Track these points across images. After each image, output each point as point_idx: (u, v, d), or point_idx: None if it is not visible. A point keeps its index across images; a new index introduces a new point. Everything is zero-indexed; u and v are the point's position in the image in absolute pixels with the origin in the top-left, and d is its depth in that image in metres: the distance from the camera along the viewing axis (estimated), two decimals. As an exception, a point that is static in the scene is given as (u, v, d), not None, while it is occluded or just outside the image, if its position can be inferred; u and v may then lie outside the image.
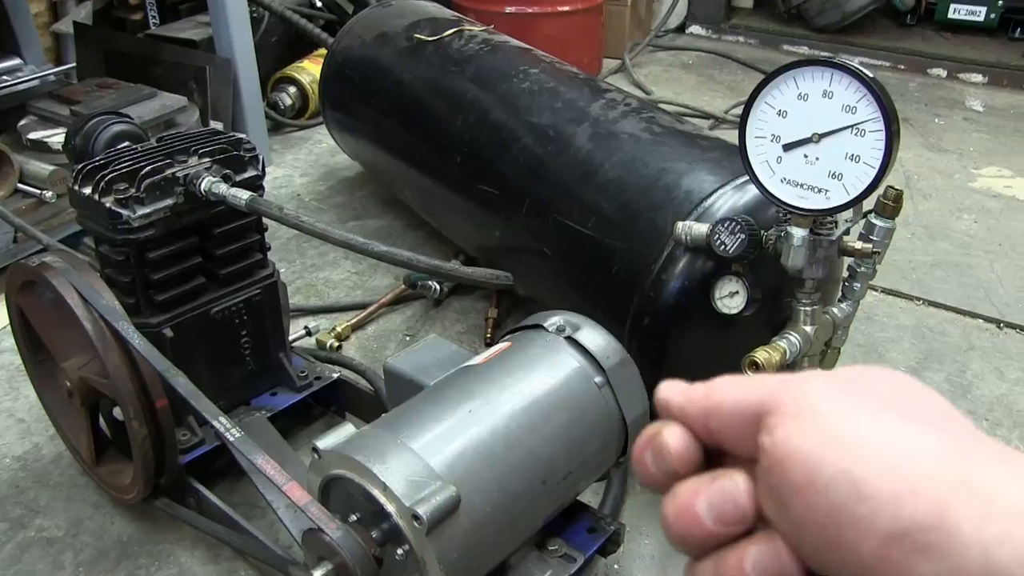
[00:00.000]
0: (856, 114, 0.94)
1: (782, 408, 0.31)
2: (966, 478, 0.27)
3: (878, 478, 0.27)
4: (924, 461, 0.27)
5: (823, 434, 0.29)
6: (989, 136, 2.75)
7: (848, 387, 0.31)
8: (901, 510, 0.27)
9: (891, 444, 0.28)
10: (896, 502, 0.27)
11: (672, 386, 0.37)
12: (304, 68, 2.73)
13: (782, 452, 0.30)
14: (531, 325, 1.04)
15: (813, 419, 0.30)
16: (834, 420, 0.29)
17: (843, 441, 0.28)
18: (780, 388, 0.32)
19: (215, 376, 1.29)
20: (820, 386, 0.31)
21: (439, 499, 0.79)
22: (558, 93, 1.58)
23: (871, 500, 0.27)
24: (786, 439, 0.30)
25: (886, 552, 0.27)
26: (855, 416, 0.29)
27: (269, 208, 1.10)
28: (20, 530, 1.28)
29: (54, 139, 1.94)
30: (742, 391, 0.34)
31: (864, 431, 0.29)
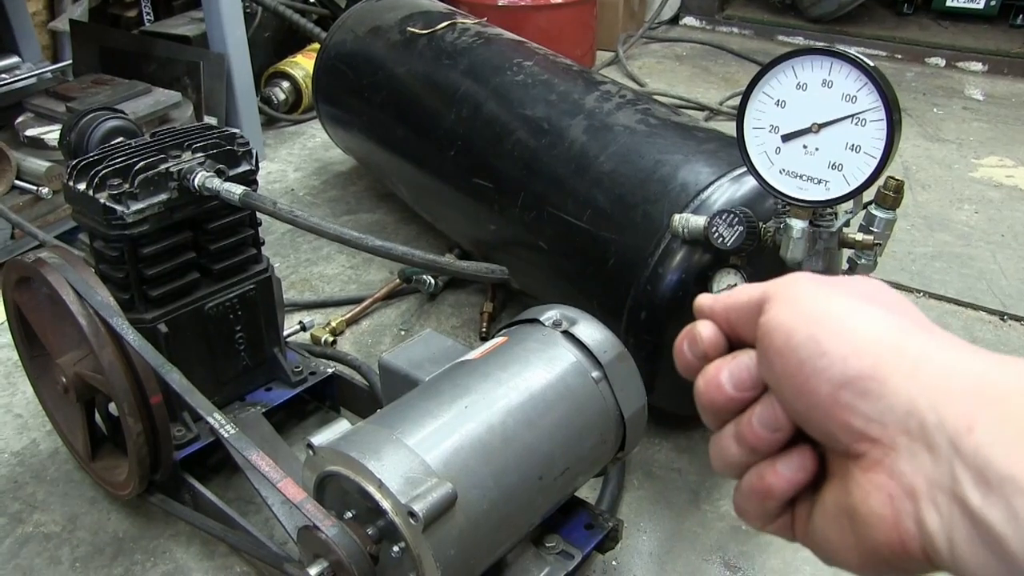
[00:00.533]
0: (856, 103, 0.94)
1: (775, 296, 0.40)
2: (901, 345, 0.35)
3: (833, 340, 0.36)
4: (871, 331, 0.36)
5: (799, 311, 0.38)
6: (989, 125, 2.74)
7: (828, 283, 0.40)
8: (847, 364, 0.35)
9: (848, 317, 0.37)
10: (844, 358, 0.36)
11: (705, 296, 0.47)
12: (297, 63, 2.72)
13: (769, 325, 0.39)
14: (527, 319, 1.04)
15: (794, 301, 0.39)
16: (809, 301, 0.39)
17: (812, 315, 0.38)
18: (776, 283, 0.42)
19: (210, 371, 1.29)
20: (805, 280, 0.41)
21: (435, 496, 0.78)
22: (552, 86, 1.57)
23: (826, 356, 0.36)
24: (774, 316, 0.39)
25: (836, 395, 0.36)
26: (826, 299, 0.38)
27: (263, 203, 1.09)
28: (18, 525, 1.27)
29: (50, 136, 1.94)
30: (751, 289, 0.43)
31: (830, 309, 0.38)
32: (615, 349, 1.00)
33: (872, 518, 0.35)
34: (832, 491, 0.38)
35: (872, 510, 0.35)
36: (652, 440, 1.41)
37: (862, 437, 0.35)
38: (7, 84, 2.27)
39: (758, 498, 0.42)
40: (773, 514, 0.42)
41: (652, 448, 1.40)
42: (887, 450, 0.34)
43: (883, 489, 0.34)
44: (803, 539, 0.42)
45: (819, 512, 0.39)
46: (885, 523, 0.34)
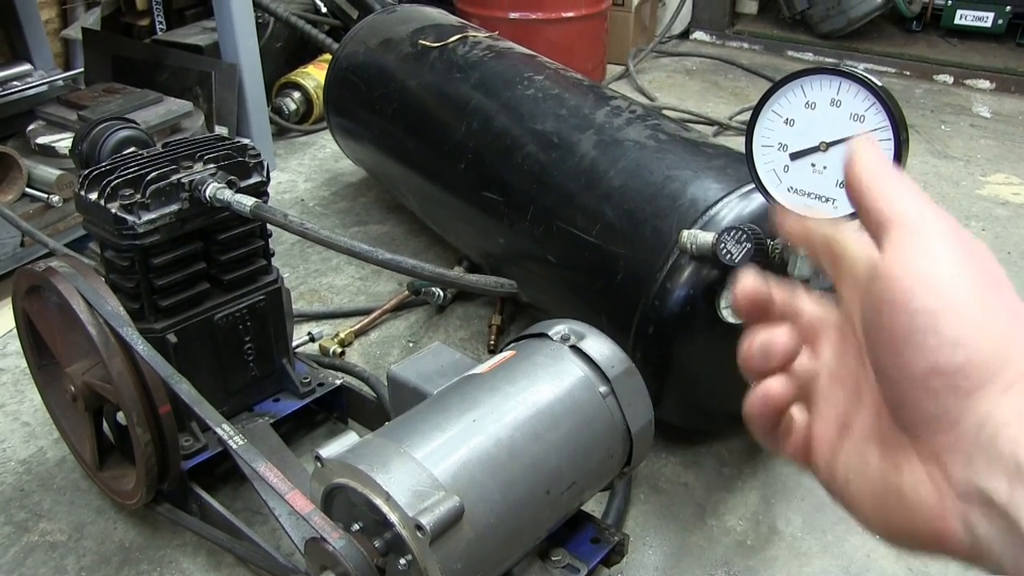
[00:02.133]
0: (864, 123, 0.94)
1: (906, 234, 0.37)
2: (1009, 356, 0.34)
3: (952, 326, 0.34)
4: (989, 329, 0.34)
5: (932, 274, 0.35)
6: (997, 143, 2.74)
7: (964, 244, 0.37)
8: (954, 353, 0.34)
9: (973, 306, 0.35)
10: (955, 347, 0.34)
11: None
12: (308, 73, 2.74)
13: (896, 271, 0.36)
14: (535, 334, 1.04)
15: (930, 257, 0.36)
16: (944, 266, 0.36)
17: (942, 287, 0.35)
18: (907, 212, 0.38)
19: (218, 381, 1.29)
20: (942, 227, 0.37)
21: (442, 509, 0.78)
22: (563, 100, 1.58)
23: (939, 337, 0.34)
24: (904, 262, 0.36)
25: (928, 377, 0.34)
26: (959, 271, 0.36)
27: (274, 215, 1.09)
28: (24, 534, 1.28)
29: (61, 144, 1.95)
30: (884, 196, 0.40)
31: (960, 286, 0.35)
32: (623, 364, 1.00)
33: (918, 505, 0.35)
34: (879, 456, 0.38)
35: (920, 499, 0.35)
36: (658, 454, 1.40)
37: (931, 426, 0.35)
38: (19, 91, 2.28)
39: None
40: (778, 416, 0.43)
41: (658, 462, 1.40)
42: (950, 450, 0.34)
43: (936, 484, 0.35)
44: (823, 477, 0.42)
45: (856, 468, 0.39)
46: (930, 514, 0.35)
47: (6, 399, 1.55)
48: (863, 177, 0.40)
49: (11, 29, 2.50)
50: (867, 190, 0.40)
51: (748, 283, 0.46)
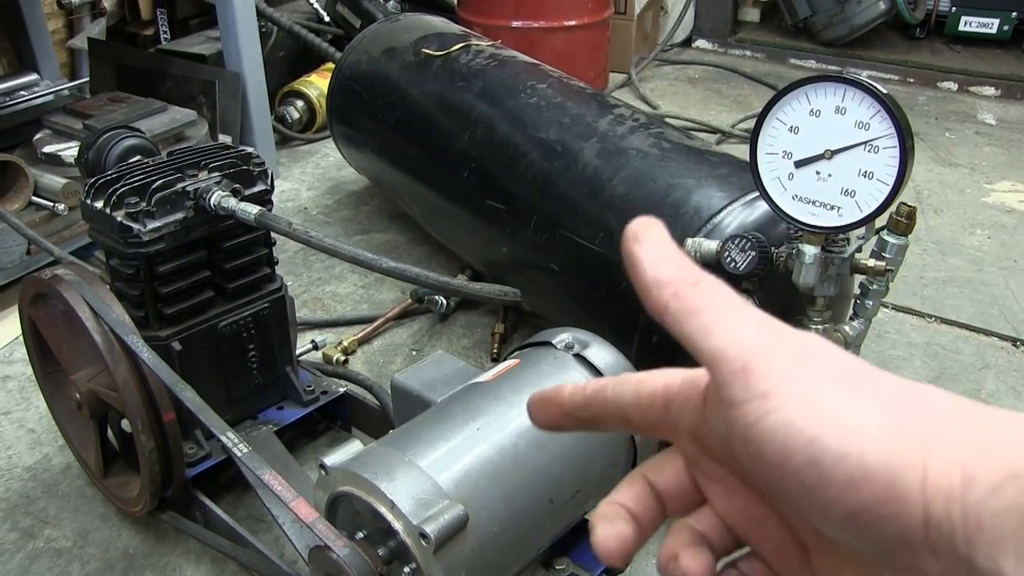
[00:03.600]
0: (869, 130, 0.94)
1: (736, 376, 0.33)
2: (911, 447, 0.31)
3: (840, 467, 0.31)
4: (877, 447, 0.31)
5: (788, 420, 0.32)
6: (1002, 150, 2.74)
7: (806, 368, 0.33)
8: (860, 493, 0.31)
9: (853, 426, 0.31)
10: (855, 487, 0.31)
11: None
12: (312, 82, 2.74)
13: (752, 435, 0.32)
14: (539, 342, 1.04)
15: (773, 403, 0.32)
16: (797, 404, 0.32)
17: (808, 429, 0.31)
18: (751, 355, 0.33)
19: (222, 389, 1.29)
20: (771, 365, 0.33)
21: (446, 518, 0.78)
22: (566, 108, 1.58)
23: (834, 486, 0.31)
24: (755, 423, 0.32)
25: (851, 520, 0.31)
26: (815, 396, 0.32)
27: (278, 223, 1.10)
28: (29, 540, 1.28)
29: (67, 152, 1.96)
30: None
31: (825, 415, 0.31)
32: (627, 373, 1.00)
33: None
34: (853, 574, 0.35)
35: None
36: (662, 463, 1.40)
37: (887, 549, 0.32)
38: (26, 101, 2.30)
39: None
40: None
41: (662, 471, 1.39)
42: (915, 557, 0.31)
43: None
44: None
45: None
46: None
47: (12, 406, 1.56)
48: (665, 303, 0.35)
49: (18, 39, 2.51)
50: (675, 323, 0.35)
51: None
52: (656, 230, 0.36)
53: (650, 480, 0.40)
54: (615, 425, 0.40)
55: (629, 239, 0.36)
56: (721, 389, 0.33)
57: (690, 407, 0.37)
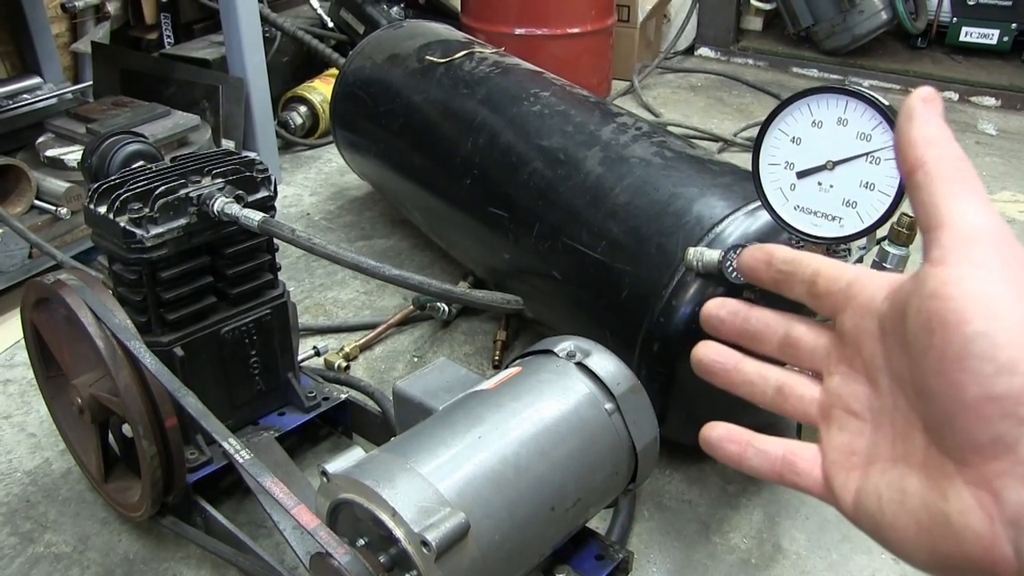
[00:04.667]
0: (871, 142, 0.94)
1: (964, 239, 0.35)
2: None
3: (1009, 351, 0.33)
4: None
5: (988, 294, 0.34)
6: (1002, 160, 2.74)
7: (1017, 257, 0.35)
8: (1012, 382, 0.32)
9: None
10: (1012, 375, 0.32)
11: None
12: (315, 88, 2.75)
13: (951, 289, 0.34)
14: (541, 350, 1.04)
15: (986, 274, 0.34)
16: (1000, 287, 0.34)
17: (998, 309, 0.33)
18: (953, 233, 0.36)
19: (224, 395, 1.29)
20: (999, 240, 0.35)
21: (448, 525, 0.78)
22: (569, 116, 1.58)
23: (996, 363, 0.33)
24: (959, 279, 0.34)
25: (983, 404, 0.33)
26: (1015, 292, 0.34)
27: (281, 230, 1.10)
28: (29, 545, 1.28)
29: (70, 156, 1.96)
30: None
31: (1017, 309, 0.33)
32: (628, 381, 1.00)
33: (967, 532, 0.34)
34: (920, 484, 0.37)
35: (969, 526, 0.34)
36: (663, 471, 1.40)
37: (983, 452, 0.33)
38: (29, 104, 2.30)
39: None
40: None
41: (663, 479, 1.40)
42: (1003, 476, 0.33)
43: (987, 510, 0.33)
44: (847, 510, 0.41)
45: (892, 498, 0.38)
46: (981, 542, 0.34)
47: (12, 410, 1.56)
48: (925, 159, 0.38)
49: (22, 42, 2.52)
50: (926, 179, 0.37)
51: (727, 305, 0.48)
52: (940, 104, 0.40)
53: (792, 322, 0.46)
54: (801, 287, 0.44)
55: (916, 97, 0.39)
56: (941, 249, 0.35)
57: (871, 286, 0.41)
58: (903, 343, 0.37)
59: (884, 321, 0.39)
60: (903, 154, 0.39)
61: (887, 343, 0.39)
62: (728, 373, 0.48)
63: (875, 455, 0.39)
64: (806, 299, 0.44)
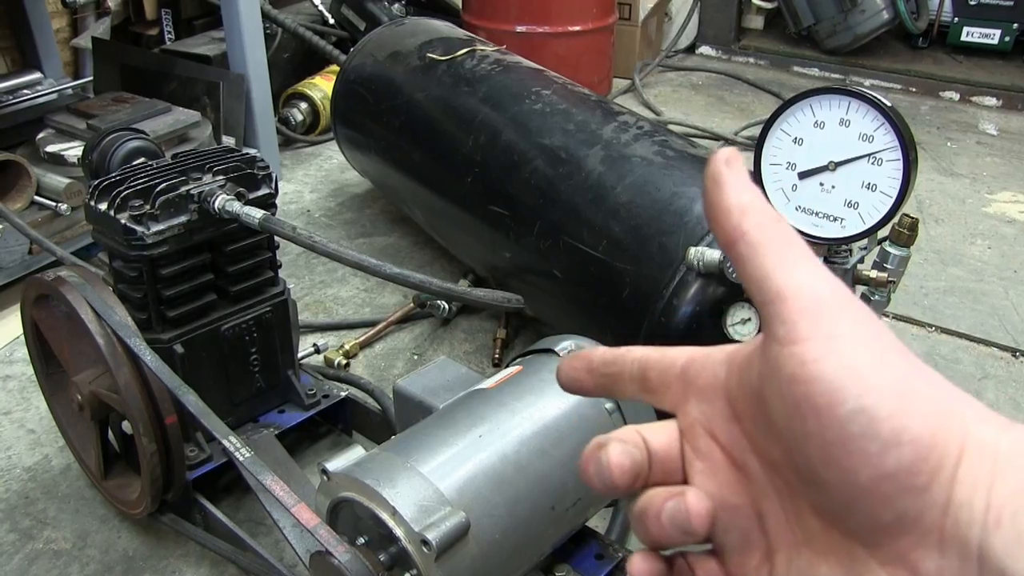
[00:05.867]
0: (873, 143, 0.94)
1: (813, 311, 0.32)
2: (948, 429, 0.31)
3: (892, 421, 0.30)
4: (922, 413, 0.31)
5: (854, 367, 0.31)
6: (1003, 160, 2.74)
7: (864, 315, 0.33)
8: (902, 455, 0.30)
9: (902, 393, 0.31)
10: (899, 447, 0.30)
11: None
12: (316, 84, 2.75)
13: (811, 372, 0.32)
14: (542, 349, 1.04)
15: (846, 345, 0.32)
16: (862, 354, 0.32)
17: (868, 378, 0.31)
18: (809, 285, 0.33)
19: (224, 392, 1.29)
20: (844, 303, 0.33)
21: (448, 524, 0.78)
22: (570, 115, 1.58)
23: (881, 439, 0.30)
24: (816, 359, 0.32)
25: (878, 485, 0.31)
26: (876, 356, 0.32)
27: (282, 228, 1.10)
28: (28, 541, 1.28)
29: (70, 152, 1.96)
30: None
31: (886, 372, 0.31)
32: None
33: None
34: (831, 571, 0.34)
35: None
36: (662, 471, 1.40)
37: (890, 531, 0.32)
38: (29, 99, 2.30)
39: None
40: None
41: (662, 479, 1.39)
42: (914, 546, 0.31)
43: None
44: None
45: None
46: None
47: (12, 406, 1.56)
48: (744, 229, 0.34)
49: (22, 37, 2.51)
50: (750, 250, 0.34)
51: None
52: (742, 163, 0.36)
53: (644, 436, 0.39)
54: (632, 385, 0.41)
55: (719, 161, 0.36)
56: (785, 325, 0.33)
57: (710, 365, 0.38)
58: (767, 428, 0.35)
59: (735, 403, 0.37)
60: (718, 225, 0.35)
61: (746, 427, 0.36)
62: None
63: (774, 544, 0.36)
64: (643, 398, 0.41)
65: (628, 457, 0.38)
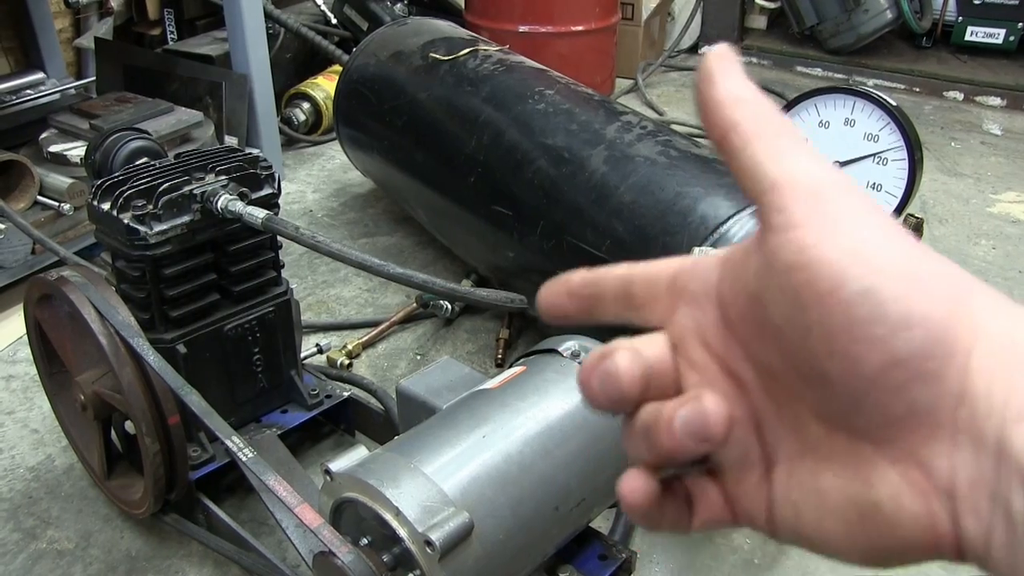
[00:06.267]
0: (878, 143, 0.94)
1: (813, 196, 0.30)
2: (965, 309, 0.29)
3: (900, 303, 0.28)
4: (934, 294, 0.29)
5: (860, 249, 0.29)
6: (1007, 160, 2.74)
7: (865, 199, 0.31)
8: (911, 337, 0.28)
9: (912, 273, 0.29)
10: (908, 329, 0.28)
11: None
12: (318, 84, 2.75)
13: (812, 256, 0.29)
14: (545, 350, 1.04)
15: (850, 227, 0.30)
16: (869, 234, 0.29)
17: (873, 259, 0.29)
18: (805, 171, 0.31)
19: (227, 392, 1.29)
20: (846, 187, 0.31)
21: (452, 525, 0.78)
22: (573, 115, 1.58)
23: (888, 322, 0.28)
24: (813, 245, 0.29)
25: (888, 372, 0.28)
26: (883, 236, 0.30)
27: (285, 227, 1.10)
28: (32, 541, 1.28)
29: (73, 152, 1.96)
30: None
31: (892, 253, 0.29)
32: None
33: (903, 517, 0.30)
34: (836, 477, 0.32)
35: (904, 509, 0.30)
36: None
37: (902, 425, 0.29)
38: (32, 99, 2.30)
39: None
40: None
41: (666, 479, 1.39)
42: (926, 441, 0.29)
43: (918, 486, 0.29)
44: (765, 528, 0.35)
45: (809, 502, 0.33)
46: (919, 523, 0.30)
47: (15, 406, 1.56)
48: (737, 119, 0.32)
49: (25, 38, 2.52)
50: (743, 141, 0.32)
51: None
52: (736, 60, 0.34)
53: (639, 348, 0.36)
54: (616, 305, 0.38)
55: (713, 56, 0.34)
56: (782, 213, 0.30)
57: (700, 271, 0.36)
58: (763, 331, 0.33)
59: (727, 309, 0.34)
60: (709, 118, 0.33)
61: (740, 333, 0.34)
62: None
63: (774, 457, 0.34)
64: (628, 316, 0.38)
65: (639, 365, 0.35)
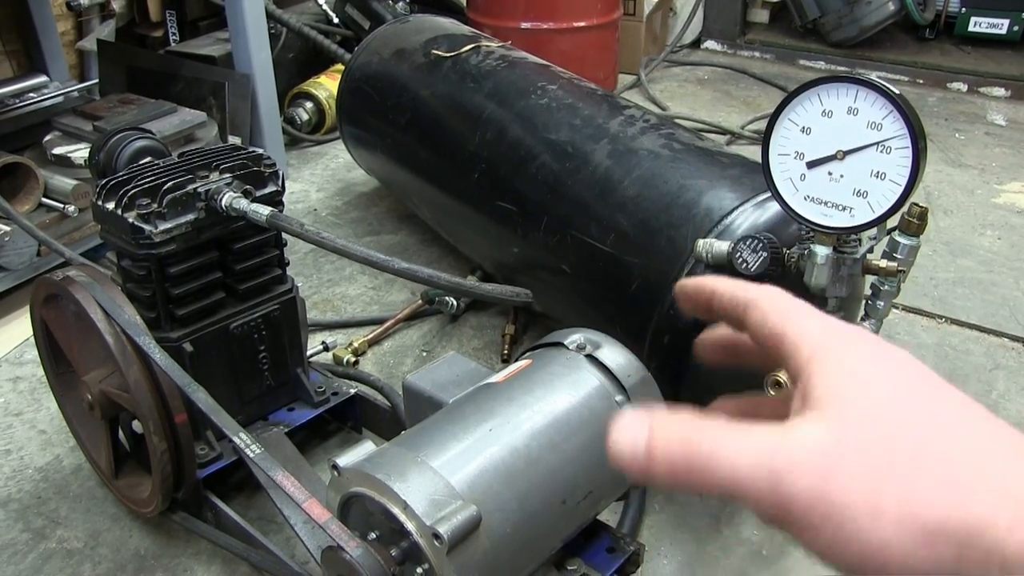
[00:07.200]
0: (882, 131, 0.94)
1: (821, 376, 0.36)
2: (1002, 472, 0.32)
3: (943, 486, 0.32)
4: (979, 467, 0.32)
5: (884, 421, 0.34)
6: (1012, 151, 2.73)
7: (893, 361, 0.37)
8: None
9: (953, 450, 0.33)
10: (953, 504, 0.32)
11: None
12: (321, 83, 2.75)
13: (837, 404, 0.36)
14: (551, 343, 1.04)
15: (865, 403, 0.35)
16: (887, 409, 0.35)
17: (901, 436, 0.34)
18: (814, 332, 0.38)
19: (233, 391, 1.29)
20: (861, 346, 0.37)
21: (460, 518, 0.78)
22: (576, 110, 1.58)
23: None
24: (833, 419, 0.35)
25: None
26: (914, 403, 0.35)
27: (289, 224, 1.10)
28: (41, 541, 1.28)
29: (77, 154, 1.96)
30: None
31: (928, 425, 0.34)
32: (639, 373, 0.99)
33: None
34: None
35: None
36: (673, 465, 1.40)
37: None
38: (36, 102, 2.30)
39: None
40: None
41: (673, 473, 1.39)
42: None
43: None
44: None
45: None
46: None
47: (23, 407, 1.56)
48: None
49: (28, 41, 2.52)
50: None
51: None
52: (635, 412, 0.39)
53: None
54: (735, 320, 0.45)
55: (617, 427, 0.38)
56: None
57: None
58: None
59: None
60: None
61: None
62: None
63: None
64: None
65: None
